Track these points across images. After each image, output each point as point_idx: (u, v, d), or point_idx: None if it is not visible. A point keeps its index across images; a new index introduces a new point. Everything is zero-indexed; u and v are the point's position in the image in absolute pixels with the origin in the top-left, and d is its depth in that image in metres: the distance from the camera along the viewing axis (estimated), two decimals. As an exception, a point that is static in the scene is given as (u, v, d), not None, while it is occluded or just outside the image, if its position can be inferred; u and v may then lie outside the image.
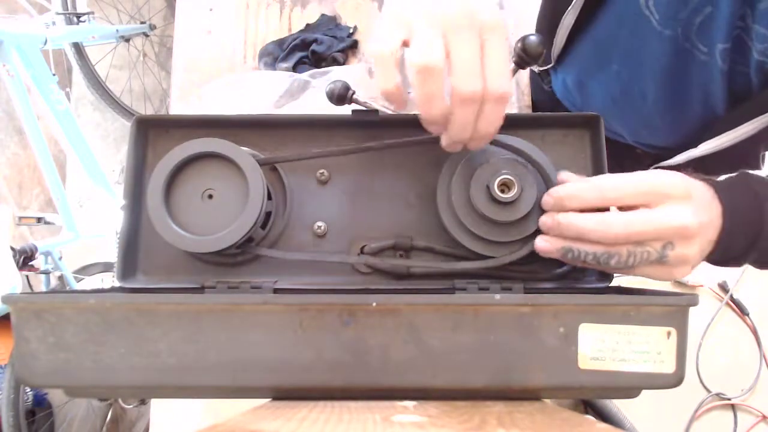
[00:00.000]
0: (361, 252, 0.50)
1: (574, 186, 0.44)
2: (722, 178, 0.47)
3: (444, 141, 0.44)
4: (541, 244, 0.45)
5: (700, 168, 0.60)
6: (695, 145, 0.58)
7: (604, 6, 0.62)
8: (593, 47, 0.66)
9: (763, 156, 0.56)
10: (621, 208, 0.43)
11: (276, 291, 0.47)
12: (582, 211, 0.43)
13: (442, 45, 0.39)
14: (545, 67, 0.76)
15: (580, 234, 0.43)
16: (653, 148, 0.71)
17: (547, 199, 0.45)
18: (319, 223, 0.51)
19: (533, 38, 0.45)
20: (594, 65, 0.68)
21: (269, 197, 0.49)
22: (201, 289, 0.48)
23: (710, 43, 0.51)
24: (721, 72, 0.52)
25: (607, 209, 0.43)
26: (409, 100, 0.43)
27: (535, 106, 0.85)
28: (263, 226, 0.49)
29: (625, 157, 0.76)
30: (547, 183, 0.46)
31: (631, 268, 0.43)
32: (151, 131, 0.52)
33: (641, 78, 0.61)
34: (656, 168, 0.65)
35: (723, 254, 0.45)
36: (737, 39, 0.50)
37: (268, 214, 0.49)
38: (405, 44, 0.40)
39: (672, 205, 0.41)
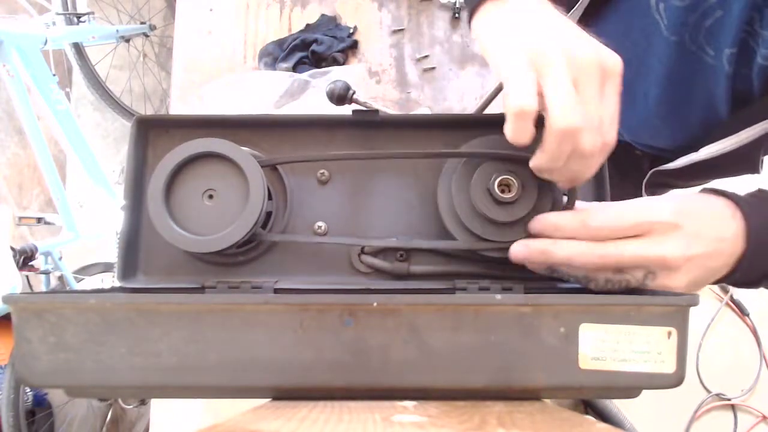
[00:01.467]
0: (362, 252, 0.50)
1: (559, 217, 0.44)
2: (743, 194, 0.46)
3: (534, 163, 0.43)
4: (518, 248, 0.45)
5: (699, 172, 0.60)
6: (696, 149, 0.58)
7: (610, 5, 0.61)
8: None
9: (762, 161, 0.56)
10: None
11: (276, 291, 0.47)
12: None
13: (578, 105, 0.38)
14: None
15: (554, 262, 0.43)
16: (652, 148, 0.71)
17: (534, 224, 0.45)
18: (320, 223, 0.51)
19: None
20: None
21: (269, 197, 0.49)
22: (201, 289, 0.48)
23: (718, 47, 0.51)
24: (727, 76, 0.52)
25: None
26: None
27: None
28: (264, 226, 0.49)
29: (624, 159, 0.76)
30: (549, 183, 0.46)
31: (609, 291, 0.43)
32: (152, 131, 0.52)
33: (644, 79, 0.61)
34: (656, 171, 0.65)
35: (742, 276, 0.44)
36: (742, 43, 0.50)
37: (268, 214, 0.49)
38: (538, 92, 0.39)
39: (655, 236, 0.41)
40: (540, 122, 0.40)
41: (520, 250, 0.44)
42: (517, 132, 0.40)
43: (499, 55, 0.41)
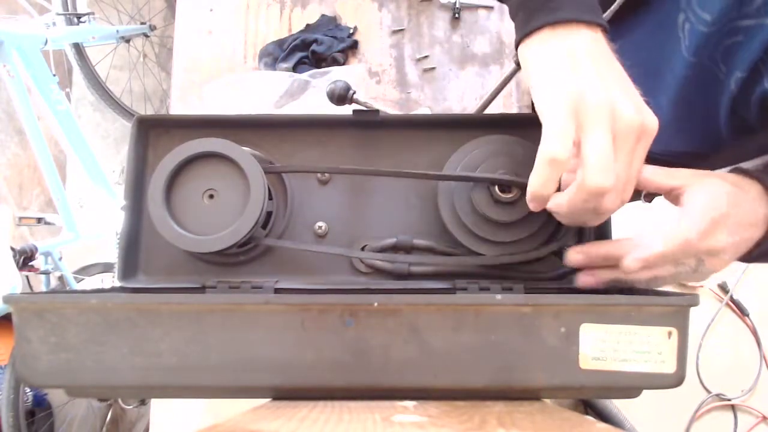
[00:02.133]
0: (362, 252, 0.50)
1: (583, 248, 0.45)
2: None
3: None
4: (586, 279, 0.46)
5: None
6: (697, 158, 0.58)
7: (638, 15, 0.61)
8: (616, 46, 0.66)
9: None
10: None
11: (277, 291, 0.47)
12: None
13: (612, 167, 0.38)
14: None
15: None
16: (653, 154, 0.71)
17: (571, 259, 0.45)
18: (320, 223, 0.51)
19: None
20: None
21: (270, 197, 0.49)
22: (202, 289, 0.48)
23: (731, 68, 0.51)
24: (730, 96, 0.52)
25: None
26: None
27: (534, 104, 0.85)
28: (264, 226, 0.49)
29: None
30: None
31: (672, 283, 0.44)
32: (152, 131, 0.52)
33: (658, 91, 0.61)
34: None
35: (762, 251, 0.45)
36: (755, 69, 0.50)
37: (268, 214, 0.49)
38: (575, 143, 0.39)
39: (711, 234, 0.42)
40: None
41: (587, 280, 0.46)
42: (541, 179, 0.39)
43: (544, 96, 0.40)
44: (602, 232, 0.50)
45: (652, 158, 0.67)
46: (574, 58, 0.41)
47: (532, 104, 0.85)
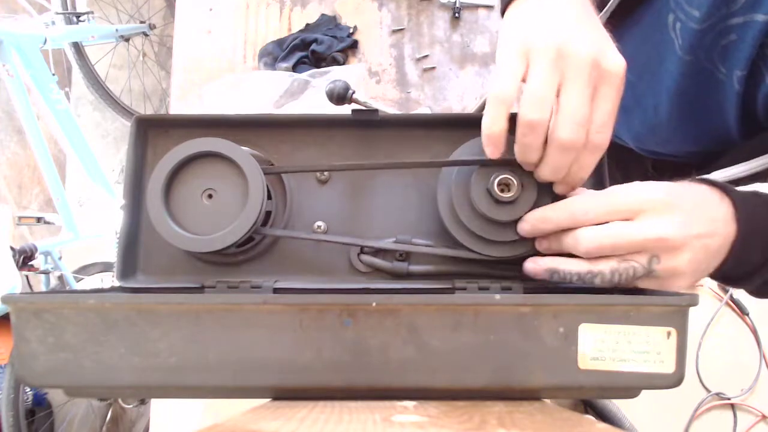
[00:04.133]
0: (361, 252, 0.50)
1: (545, 210, 0.44)
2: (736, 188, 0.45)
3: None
4: (529, 266, 0.45)
5: None
6: (706, 159, 0.58)
7: (634, 16, 0.61)
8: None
9: None
10: None
11: (276, 291, 0.47)
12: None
13: (553, 98, 0.39)
14: None
15: (559, 248, 0.43)
16: (656, 154, 0.71)
17: (523, 225, 0.45)
18: (319, 223, 0.51)
19: None
20: None
21: (269, 197, 0.49)
22: (201, 289, 0.48)
23: (730, 67, 0.51)
24: (737, 94, 0.52)
25: None
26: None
27: None
28: (263, 226, 0.49)
29: (626, 158, 0.76)
30: (549, 183, 0.46)
31: (620, 284, 0.42)
32: (151, 131, 0.52)
33: (655, 92, 0.61)
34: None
35: (735, 266, 0.43)
36: (753, 66, 0.49)
37: (268, 214, 0.49)
38: (522, 80, 0.40)
39: (649, 218, 0.40)
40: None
41: (528, 267, 0.45)
42: (488, 117, 0.41)
43: (500, 45, 0.41)
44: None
45: (666, 159, 0.67)
46: (543, 10, 0.41)
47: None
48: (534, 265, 0.45)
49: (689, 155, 0.61)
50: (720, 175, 0.55)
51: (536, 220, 0.44)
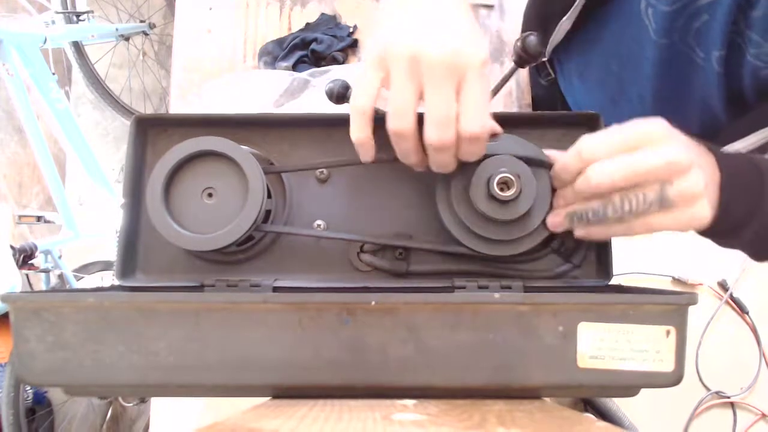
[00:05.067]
0: (361, 251, 0.50)
1: (560, 161, 0.44)
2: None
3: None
4: (550, 219, 0.46)
5: None
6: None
7: (604, 8, 0.62)
8: (593, 46, 0.67)
9: None
10: None
11: (275, 289, 0.47)
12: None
13: (414, 106, 0.40)
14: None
15: (576, 195, 0.43)
16: None
17: (554, 181, 0.46)
18: (319, 222, 0.51)
19: (533, 38, 0.45)
20: (595, 59, 0.68)
21: (269, 195, 0.49)
22: (200, 288, 0.48)
23: (707, 49, 0.52)
24: (718, 75, 0.52)
25: None
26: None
27: (534, 101, 0.85)
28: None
29: None
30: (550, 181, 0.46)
31: (635, 215, 0.41)
32: (151, 130, 0.52)
33: (638, 81, 0.61)
34: None
35: (723, 216, 0.43)
36: (731, 44, 0.50)
37: (267, 213, 0.49)
38: (384, 87, 0.41)
39: (653, 146, 0.40)
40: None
41: (552, 220, 0.46)
42: (354, 127, 0.43)
43: (362, 52, 0.43)
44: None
45: None
46: (399, 10, 0.42)
47: (533, 103, 0.85)
48: (554, 217, 0.45)
49: None
50: None
51: (555, 172, 0.45)
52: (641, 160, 0.40)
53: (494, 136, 0.46)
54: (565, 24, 0.65)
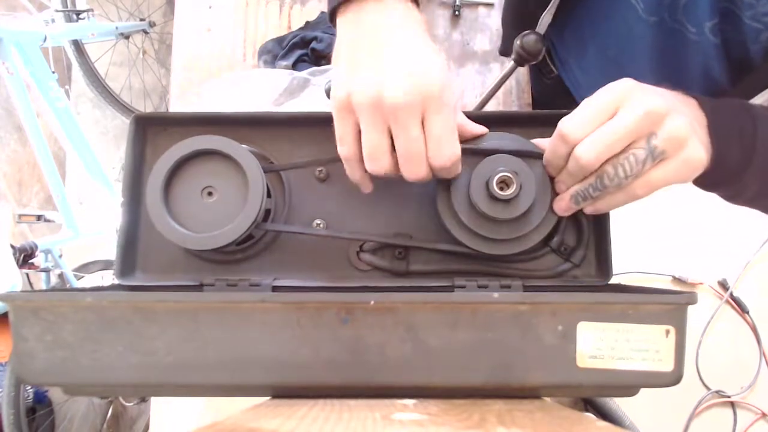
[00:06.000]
0: (360, 250, 0.50)
1: (548, 150, 0.44)
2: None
3: None
4: (556, 205, 0.46)
5: None
6: None
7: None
8: (586, 35, 0.66)
9: None
10: None
11: (275, 288, 0.47)
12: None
13: (386, 147, 0.42)
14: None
15: (573, 177, 0.44)
16: None
17: (547, 168, 0.46)
18: (318, 221, 0.51)
19: (532, 36, 0.45)
20: (592, 50, 0.67)
21: (269, 195, 0.49)
22: (200, 287, 0.48)
23: (698, 22, 0.51)
24: (716, 47, 0.52)
25: None
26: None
27: (534, 99, 0.85)
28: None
29: None
30: (549, 179, 0.46)
31: (632, 177, 0.41)
32: (150, 129, 0.52)
33: (636, 63, 0.61)
34: None
35: (719, 160, 0.43)
36: (725, 11, 0.49)
37: (267, 212, 0.49)
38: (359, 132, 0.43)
39: (627, 105, 0.40)
40: None
41: (559, 205, 0.46)
42: (349, 172, 0.45)
43: (331, 98, 0.44)
44: (600, 228, 0.50)
45: None
46: (355, 45, 0.43)
47: (532, 101, 0.85)
48: (560, 202, 0.46)
49: None
50: None
51: (546, 161, 0.45)
52: (618, 124, 0.40)
53: (477, 138, 0.46)
54: (546, 18, 0.64)
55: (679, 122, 0.40)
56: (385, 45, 0.42)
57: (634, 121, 0.40)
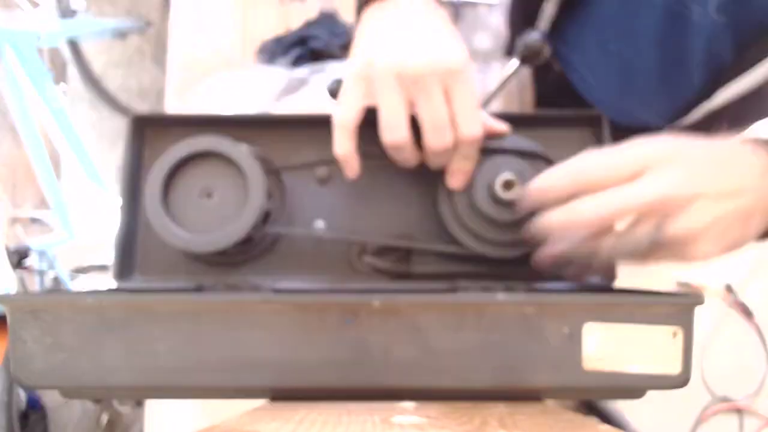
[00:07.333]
0: (362, 252, 0.49)
1: (545, 176, 0.41)
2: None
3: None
4: (536, 257, 0.44)
5: (717, 122, 0.57)
6: (707, 97, 0.56)
7: None
8: (589, 27, 0.66)
9: None
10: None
11: (275, 291, 0.47)
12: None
13: (405, 118, 0.41)
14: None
15: (553, 232, 0.40)
16: (658, 129, 0.69)
17: (533, 193, 0.41)
18: (319, 223, 0.50)
19: (535, 34, 0.45)
20: (594, 46, 0.67)
21: (269, 196, 0.49)
22: (199, 289, 0.47)
23: (703, 1, 0.51)
24: (723, 26, 0.50)
25: None
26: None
27: (537, 99, 0.85)
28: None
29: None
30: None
31: (626, 256, 0.39)
32: (148, 130, 0.51)
33: (640, 53, 0.60)
34: (671, 128, 0.63)
35: None
36: None
37: (267, 214, 0.49)
38: (371, 106, 0.42)
39: (650, 176, 0.37)
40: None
41: (537, 258, 0.43)
42: (335, 143, 0.43)
43: (350, 63, 0.44)
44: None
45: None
46: (378, 27, 0.43)
47: (536, 102, 0.85)
48: (541, 255, 0.43)
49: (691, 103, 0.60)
50: (724, 95, 0.52)
51: (539, 187, 0.41)
52: (632, 195, 0.37)
53: (499, 135, 0.46)
54: (549, 8, 0.64)
55: (696, 219, 0.36)
56: (410, 27, 0.42)
57: (645, 201, 0.36)
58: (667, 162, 0.37)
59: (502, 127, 0.45)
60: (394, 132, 0.41)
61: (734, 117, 0.57)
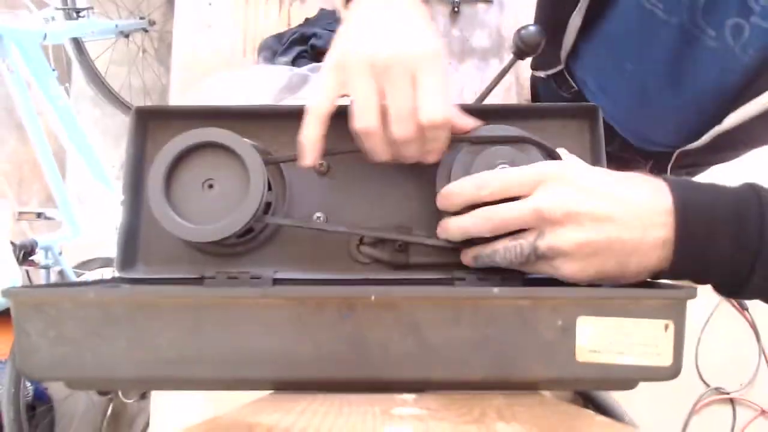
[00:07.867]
0: (361, 242, 0.50)
1: (453, 184, 0.44)
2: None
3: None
4: (462, 257, 0.46)
5: (726, 144, 0.59)
6: (719, 122, 0.57)
7: (609, 5, 0.61)
8: (605, 47, 0.66)
9: None
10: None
11: (275, 281, 0.48)
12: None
13: (375, 104, 0.42)
14: (555, 70, 0.75)
15: (463, 233, 0.44)
16: (665, 146, 0.70)
17: (439, 198, 0.45)
18: (318, 214, 0.51)
19: (531, 29, 0.45)
20: (610, 66, 0.67)
21: (269, 188, 0.49)
22: (200, 280, 0.48)
23: (719, 22, 0.51)
24: (733, 53, 0.51)
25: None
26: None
27: (534, 96, 0.85)
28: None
29: (627, 158, 0.75)
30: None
31: (516, 263, 0.42)
32: (151, 122, 0.52)
33: (655, 73, 0.61)
34: (682, 151, 0.64)
35: (703, 263, 0.39)
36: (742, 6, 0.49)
37: (268, 205, 0.49)
38: (345, 95, 0.43)
39: (538, 191, 0.40)
40: None
41: (462, 257, 0.46)
42: (305, 127, 0.44)
43: (326, 56, 0.45)
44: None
45: (670, 153, 0.65)
46: (358, 22, 0.44)
47: (533, 96, 0.85)
48: (464, 255, 0.46)
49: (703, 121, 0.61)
50: (732, 119, 0.54)
51: (448, 192, 0.44)
52: (514, 207, 0.40)
53: (463, 131, 0.46)
54: (574, 21, 0.64)
55: (566, 238, 0.39)
56: (386, 20, 0.43)
57: (522, 213, 0.40)
58: (557, 181, 0.40)
59: (468, 122, 0.46)
60: (363, 118, 0.42)
61: (742, 140, 0.58)
